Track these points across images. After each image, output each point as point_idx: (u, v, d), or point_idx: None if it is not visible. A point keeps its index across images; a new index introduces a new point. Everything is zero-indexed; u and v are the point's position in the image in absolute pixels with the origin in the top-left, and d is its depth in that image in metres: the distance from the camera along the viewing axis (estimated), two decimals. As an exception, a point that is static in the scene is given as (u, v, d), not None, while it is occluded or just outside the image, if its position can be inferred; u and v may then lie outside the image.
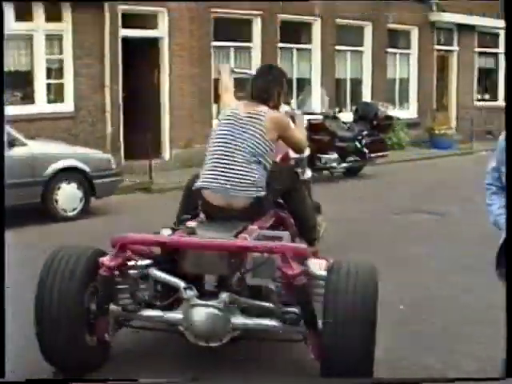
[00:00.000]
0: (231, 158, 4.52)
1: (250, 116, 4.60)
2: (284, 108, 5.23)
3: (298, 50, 16.19)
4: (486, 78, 21.88)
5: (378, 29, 17.59)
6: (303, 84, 15.44)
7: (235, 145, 4.54)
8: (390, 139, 16.15)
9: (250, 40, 15.04)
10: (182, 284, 4.06)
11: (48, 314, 4.02)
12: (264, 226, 4.65)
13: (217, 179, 4.50)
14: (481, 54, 21.25)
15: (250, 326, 4.11)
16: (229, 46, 14.80)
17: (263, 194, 4.54)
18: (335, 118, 13.66)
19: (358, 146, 13.78)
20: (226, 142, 4.56)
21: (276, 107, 4.82)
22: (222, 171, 4.50)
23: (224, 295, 4.02)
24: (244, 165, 4.49)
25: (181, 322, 4.08)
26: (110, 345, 4.37)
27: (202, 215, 4.66)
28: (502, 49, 21.70)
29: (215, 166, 4.54)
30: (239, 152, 4.51)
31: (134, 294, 4.12)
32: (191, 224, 4.39)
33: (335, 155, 13.29)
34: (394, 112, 15.69)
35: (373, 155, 14.02)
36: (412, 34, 18.89)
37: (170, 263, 4.17)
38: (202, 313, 4.01)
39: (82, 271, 4.08)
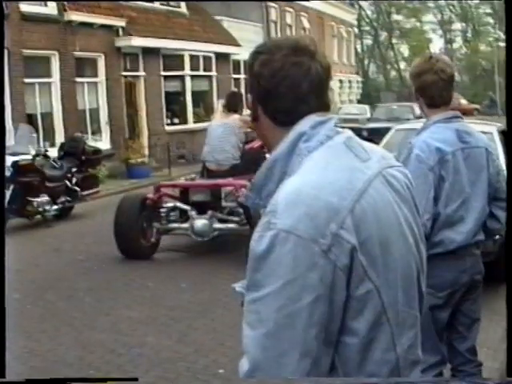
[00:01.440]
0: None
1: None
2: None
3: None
4: (174, 102, 22.58)
5: (66, 58, 17.17)
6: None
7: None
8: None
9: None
10: (188, 208, 9.01)
11: (127, 228, 8.86)
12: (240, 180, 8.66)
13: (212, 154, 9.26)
14: (167, 77, 21.83)
15: (223, 229, 8.94)
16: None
17: (237, 162, 9.14)
18: (46, 156, 12.98)
19: (69, 184, 13.29)
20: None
21: None
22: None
23: (209, 212, 8.84)
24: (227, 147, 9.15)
25: (188, 228, 8.91)
26: (157, 244, 9.38)
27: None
28: (187, 71, 22.62)
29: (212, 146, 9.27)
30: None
31: (167, 216, 9.12)
32: (193, 176, 9.80)
33: (47, 197, 12.66)
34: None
35: (85, 193, 13.62)
36: (99, 61, 18.74)
37: (184, 198, 9.16)
38: (198, 222, 8.85)
39: (137, 204, 9.06)
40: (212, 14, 25.48)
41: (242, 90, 27.78)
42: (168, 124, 21.97)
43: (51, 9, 16.55)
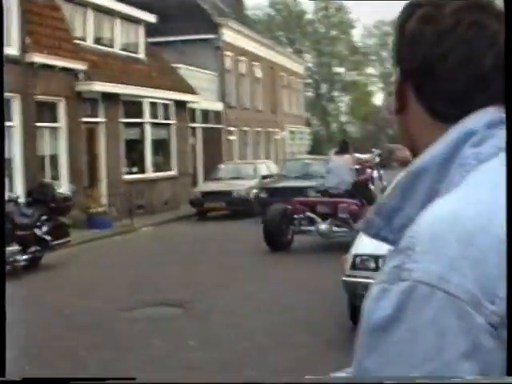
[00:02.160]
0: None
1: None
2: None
3: None
4: (133, 150, 22.17)
5: (27, 101, 16.69)
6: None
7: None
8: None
9: None
10: (315, 216, 13.73)
11: (273, 228, 13.85)
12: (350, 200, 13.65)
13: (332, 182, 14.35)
14: (126, 124, 21.45)
15: (338, 231, 13.64)
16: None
17: (349, 189, 14.06)
18: (16, 202, 12.42)
19: (39, 233, 12.73)
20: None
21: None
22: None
23: (329, 220, 13.56)
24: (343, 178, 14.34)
25: (315, 230, 13.71)
26: (291, 241, 14.23)
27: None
28: (146, 118, 22.31)
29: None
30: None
31: (299, 221, 13.86)
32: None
33: (17, 246, 12.08)
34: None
35: (55, 242, 13.07)
36: (59, 105, 18.29)
37: (312, 210, 13.82)
38: (321, 226, 13.57)
39: (280, 213, 14.02)
40: (168, 61, 25.37)
41: (199, 140, 27.78)
42: (127, 173, 21.51)
43: (13, 49, 16.10)
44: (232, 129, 31.32)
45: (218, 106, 29.37)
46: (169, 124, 23.84)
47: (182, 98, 24.45)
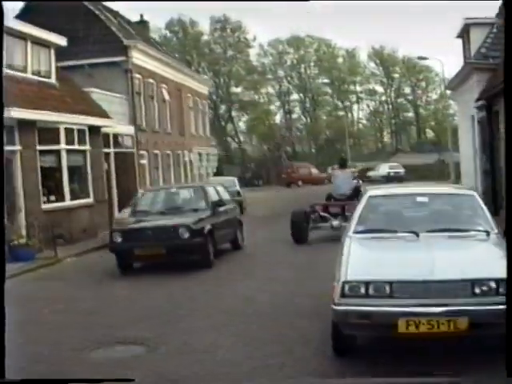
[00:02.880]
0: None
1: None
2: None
3: None
4: (50, 178, 21.58)
5: None
6: None
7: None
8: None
9: None
10: (327, 215, 19.30)
11: (297, 225, 18.68)
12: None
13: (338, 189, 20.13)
14: (42, 151, 20.87)
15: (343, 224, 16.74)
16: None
17: (351, 193, 19.46)
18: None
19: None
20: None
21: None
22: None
23: (339, 217, 18.76)
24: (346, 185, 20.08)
25: (328, 225, 18.85)
26: (308, 235, 18.96)
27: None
28: (62, 145, 21.79)
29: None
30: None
31: (315, 219, 19.30)
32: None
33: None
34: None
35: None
36: (-25, 134, 17.62)
37: (325, 210, 19.52)
38: (334, 222, 18.72)
39: (302, 213, 19.07)
40: (79, 85, 24.95)
41: (112, 165, 27.34)
42: (45, 202, 20.93)
43: None
44: (143, 152, 31.03)
45: (130, 130, 29.07)
46: (84, 150, 23.38)
47: (97, 122, 24.06)
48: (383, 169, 60.81)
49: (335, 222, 18.68)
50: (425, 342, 7.26)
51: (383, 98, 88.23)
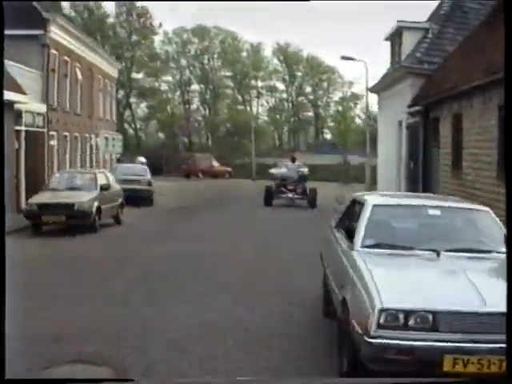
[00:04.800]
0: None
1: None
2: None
3: None
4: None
5: None
6: None
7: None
8: None
9: None
10: (285, 190, 31.39)
11: (267, 194, 31.40)
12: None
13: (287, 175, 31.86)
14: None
15: (298, 198, 31.04)
16: None
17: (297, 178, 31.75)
18: None
19: None
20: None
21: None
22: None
23: (293, 192, 31.13)
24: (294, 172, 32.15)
25: (286, 197, 31.28)
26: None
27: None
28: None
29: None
30: None
31: (276, 192, 31.57)
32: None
33: None
34: None
35: None
36: None
37: (284, 186, 31.48)
38: (289, 194, 31.14)
39: (267, 187, 32.20)
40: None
41: (22, 144, 25.49)
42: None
43: None
44: (53, 133, 29.24)
45: (42, 108, 27.24)
46: (-2, 126, 21.54)
47: (11, 97, 22.26)
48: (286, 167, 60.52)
49: (290, 195, 30.58)
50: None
51: (284, 95, 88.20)
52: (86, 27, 70.32)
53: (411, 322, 5.92)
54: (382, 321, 5.91)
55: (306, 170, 32.16)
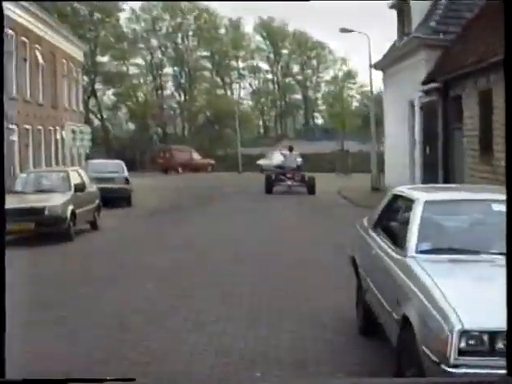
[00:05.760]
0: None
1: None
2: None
3: None
4: None
5: None
6: None
7: None
8: None
9: None
10: (284, 178, 36.61)
11: (269, 181, 37.30)
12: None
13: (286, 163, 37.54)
14: None
15: (295, 185, 36.07)
16: None
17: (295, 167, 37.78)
18: None
19: None
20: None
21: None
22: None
23: (292, 179, 36.40)
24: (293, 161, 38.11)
25: (285, 184, 36.44)
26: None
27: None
28: None
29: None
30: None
31: (277, 180, 37.24)
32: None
33: None
34: None
35: None
36: None
37: (283, 174, 37.13)
38: (288, 182, 36.27)
39: (265, 177, 39.59)
40: None
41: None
42: None
43: None
44: (13, 127, 28.40)
45: (-1, 98, 26.40)
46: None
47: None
48: (277, 157, 59.84)
49: (289, 182, 35.29)
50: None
51: (269, 76, 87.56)
52: (40, 5, 69.40)
53: (499, 346, 5.25)
54: (462, 345, 5.26)
55: (300, 159, 37.94)
